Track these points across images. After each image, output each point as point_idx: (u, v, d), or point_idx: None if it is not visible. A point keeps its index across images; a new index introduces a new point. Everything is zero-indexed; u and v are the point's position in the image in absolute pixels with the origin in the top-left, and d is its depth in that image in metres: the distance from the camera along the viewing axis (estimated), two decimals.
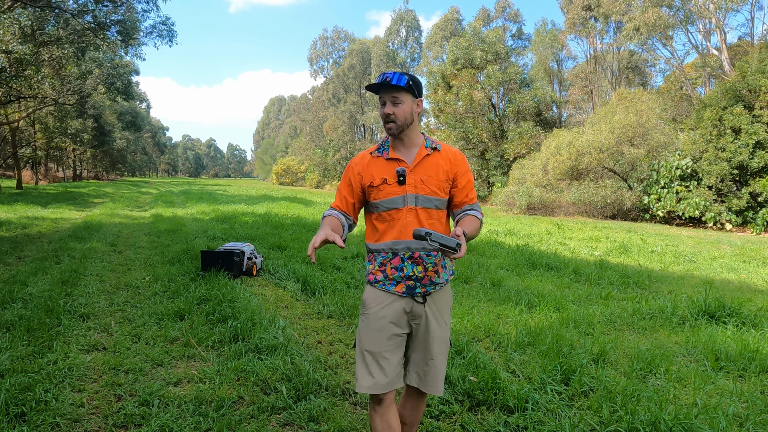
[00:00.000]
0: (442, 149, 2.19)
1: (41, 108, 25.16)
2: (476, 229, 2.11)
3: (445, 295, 2.22)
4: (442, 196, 2.15)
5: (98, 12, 16.71)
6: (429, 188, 2.12)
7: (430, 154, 2.16)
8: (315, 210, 17.64)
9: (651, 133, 21.25)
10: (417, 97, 2.13)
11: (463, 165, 2.20)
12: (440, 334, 2.18)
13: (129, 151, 60.55)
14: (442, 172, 2.15)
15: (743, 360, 3.84)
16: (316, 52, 66.01)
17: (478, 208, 2.21)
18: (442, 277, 2.17)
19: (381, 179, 2.14)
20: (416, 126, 2.18)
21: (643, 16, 24.66)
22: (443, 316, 2.20)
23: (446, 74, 33.10)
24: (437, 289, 2.16)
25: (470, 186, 2.21)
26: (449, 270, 2.23)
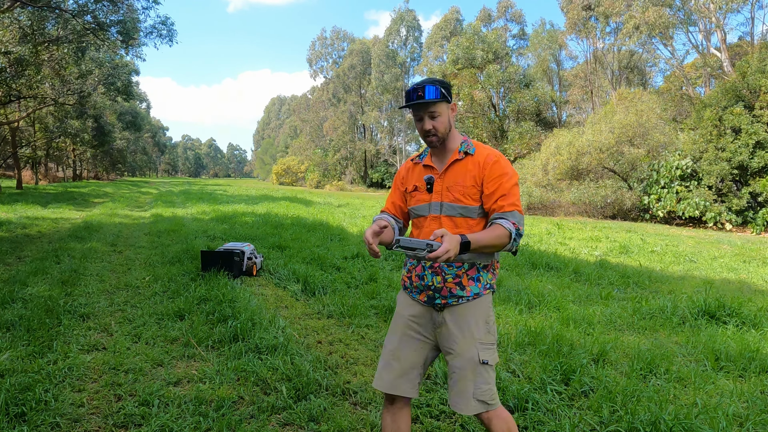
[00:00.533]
0: (476, 153, 2.07)
1: (41, 108, 25.16)
2: (489, 237, 1.92)
3: (474, 310, 2.07)
4: (469, 203, 2.04)
5: (98, 12, 16.71)
6: (453, 195, 2.06)
7: (461, 159, 2.07)
8: (315, 210, 17.64)
9: (651, 133, 21.25)
10: (450, 102, 2.07)
11: (493, 169, 2.02)
12: (465, 350, 2.05)
13: (129, 151, 60.55)
14: (470, 178, 2.04)
15: (743, 360, 3.84)
16: (315, 52, 65.97)
17: (510, 216, 1.97)
18: (469, 290, 2.05)
19: (413, 186, 2.16)
20: (452, 131, 2.11)
21: (643, 15, 24.66)
22: (470, 331, 2.05)
23: (447, 74, 33.10)
24: (461, 302, 2.07)
25: (500, 192, 1.99)
26: (483, 283, 2.08)
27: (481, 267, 2.07)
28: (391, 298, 5.13)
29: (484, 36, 33.00)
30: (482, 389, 2.03)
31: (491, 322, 2.11)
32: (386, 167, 55.43)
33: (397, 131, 55.99)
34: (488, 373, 2.05)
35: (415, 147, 53.80)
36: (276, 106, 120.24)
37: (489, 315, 2.10)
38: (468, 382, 2.04)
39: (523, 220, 2.02)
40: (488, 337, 2.08)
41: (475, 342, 2.05)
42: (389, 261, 7.65)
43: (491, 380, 2.06)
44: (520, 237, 1.98)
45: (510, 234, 1.94)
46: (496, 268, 2.15)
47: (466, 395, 2.04)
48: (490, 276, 2.10)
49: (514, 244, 1.97)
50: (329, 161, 60.42)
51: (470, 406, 2.03)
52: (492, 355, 2.07)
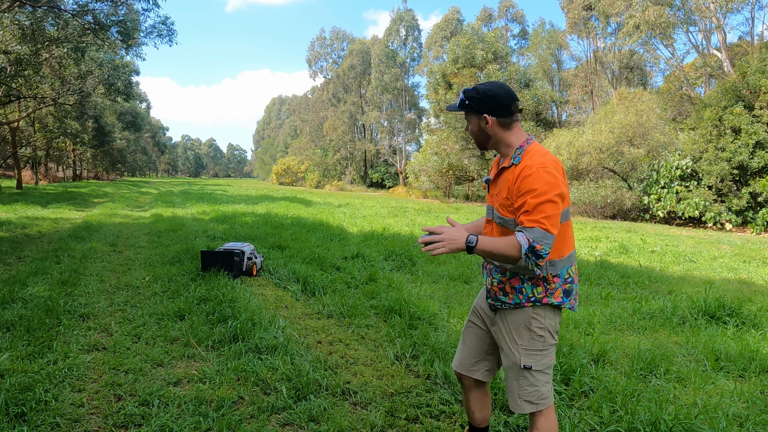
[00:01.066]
0: (520, 163, 2.01)
1: (41, 108, 25.15)
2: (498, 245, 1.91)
3: (516, 316, 2.10)
4: (506, 215, 2.05)
5: (99, 13, 16.70)
6: (496, 203, 2.12)
7: (508, 167, 2.06)
8: (315, 210, 17.64)
9: (651, 133, 21.25)
10: (481, 112, 2.07)
11: (522, 184, 1.94)
12: (509, 353, 2.13)
13: (129, 151, 60.57)
14: (506, 190, 2.04)
15: (743, 360, 3.84)
16: (314, 53, 65.97)
17: (528, 232, 1.88)
18: (511, 298, 2.09)
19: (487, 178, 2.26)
20: (502, 140, 2.10)
21: (643, 15, 24.67)
22: (513, 336, 2.11)
23: (447, 73, 33.11)
24: (504, 307, 2.13)
25: (524, 208, 1.91)
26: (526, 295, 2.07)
27: (525, 279, 2.07)
28: (391, 298, 5.13)
29: (485, 36, 32.99)
30: (527, 391, 2.11)
31: (538, 330, 2.08)
32: (386, 167, 55.42)
33: (397, 131, 55.98)
34: (533, 377, 2.10)
35: (415, 147, 53.77)
36: (276, 106, 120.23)
37: (533, 324, 2.08)
38: (513, 383, 2.14)
39: (549, 239, 1.87)
40: (533, 343, 2.09)
41: (518, 347, 2.11)
42: (389, 261, 7.66)
43: (537, 383, 2.10)
44: (536, 255, 1.87)
45: (520, 248, 1.88)
46: (551, 282, 2.06)
47: (513, 395, 2.15)
48: (540, 289, 2.05)
49: (527, 260, 1.90)
50: (329, 161, 60.41)
51: (517, 405, 2.14)
52: (538, 360, 2.09)
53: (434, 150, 33.54)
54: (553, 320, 2.11)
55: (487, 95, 2.06)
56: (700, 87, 28.85)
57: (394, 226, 12.57)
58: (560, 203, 1.93)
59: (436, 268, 7.18)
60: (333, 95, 63.42)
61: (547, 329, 2.10)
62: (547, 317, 2.10)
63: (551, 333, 2.11)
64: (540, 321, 2.09)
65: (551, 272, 2.06)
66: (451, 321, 4.73)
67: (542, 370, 2.10)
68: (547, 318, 2.10)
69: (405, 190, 41.69)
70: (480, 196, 33.05)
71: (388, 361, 3.77)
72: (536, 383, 2.09)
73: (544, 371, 2.11)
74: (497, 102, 2.05)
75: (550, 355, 2.11)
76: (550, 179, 1.92)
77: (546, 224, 1.88)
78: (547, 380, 2.12)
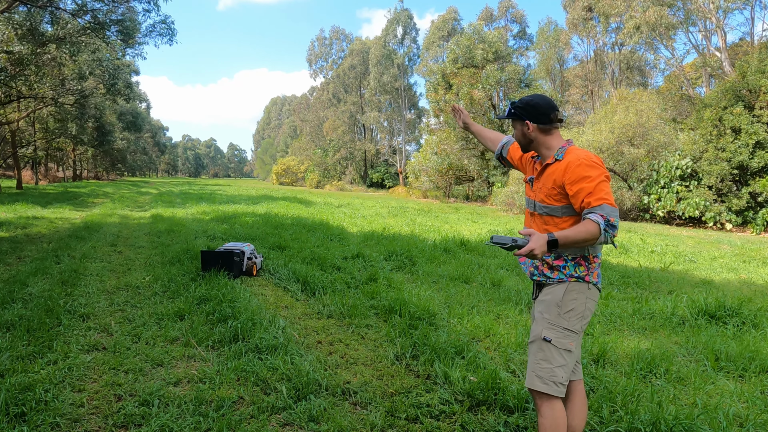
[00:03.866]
0: (563, 158, 2.29)
1: (41, 108, 25.15)
2: (578, 232, 2.09)
3: (553, 291, 2.29)
4: (551, 203, 2.30)
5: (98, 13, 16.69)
6: (540, 196, 2.36)
7: (552, 164, 2.33)
8: (315, 210, 17.63)
9: (651, 133, 21.24)
10: (524, 119, 2.37)
11: (574, 173, 2.20)
12: (536, 325, 2.31)
13: (129, 151, 60.51)
14: (551, 181, 2.30)
15: (743, 360, 3.84)
16: (314, 53, 65.91)
17: (598, 210, 2.11)
18: (555, 273, 2.30)
19: (526, 178, 2.53)
20: (542, 143, 2.38)
21: (643, 15, 24.66)
22: (542, 311, 2.30)
23: (446, 73, 33.10)
24: (548, 282, 2.33)
25: (584, 192, 2.16)
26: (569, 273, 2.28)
27: (569, 259, 2.28)
28: (391, 298, 5.13)
29: (486, 36, 32.98)
30: (541, 365, 2.23)
31: (566, 308, 2.26)
32: (386, 167, 55.41)
33: (397, 131, 55.97)
34: (550, 352, 2.23)
35: (415, 147, 53.78)
36: (276, 106, 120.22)
37: (564, 300, 2.26)
38: (531, 355, 2.29)
39: (616, 211, 2.11)
40: (558, 319, 2.25)
41: (544, 320, 2.27)
42: (389, 261, 7.66)
43: (553, 361, 2.22)
44: (613, 228, 2.09)
45: (598, 226, 2.08)
46: (592, 262, 2.30)
47: (529, 367, 2.28)
48: (582, 269, 2.28)
49: (606, 235, 2.09)
50: (329, 161, 60.38)
51: (528, 377, 2.26)
52: (558, 336, 2.23)
53: (434, 150, 33.54)
54: (584, 301, 2.28)
55: (530, 105, 2.37)
56: (700, 87, 28.85)
57: (394, 226, 12.57)
58: (609, 183, 2.21)
59: (436, 268, 7.18)
60: (333, 95, 63.39)
61: (576, 309, 2.26)
62: (581, 297, 2.27)
63: (578, 314, 2.26)
64: (573, 299, 2.26)
65: (592, 253, 2.29)
66: (451, 321, 4.73)
67: (560, 349, 2.22)
68: (580, 297, 2.27)
69: (405, 190, 41.68)
70: (480, 196, 33.08)
71: (388, 361, 3.77)
72: (552, 360, 2.22)
73: (562, 352, 2.23)
74: (538, 111, 2.36)
75: (570, 339, 2.24)
76: (596, 165, 2.22)
77: (610, 199, 2.14)
78: (562, 363, 2.22)
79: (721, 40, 24.37)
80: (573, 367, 2.34)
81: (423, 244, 9.27)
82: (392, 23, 53.83)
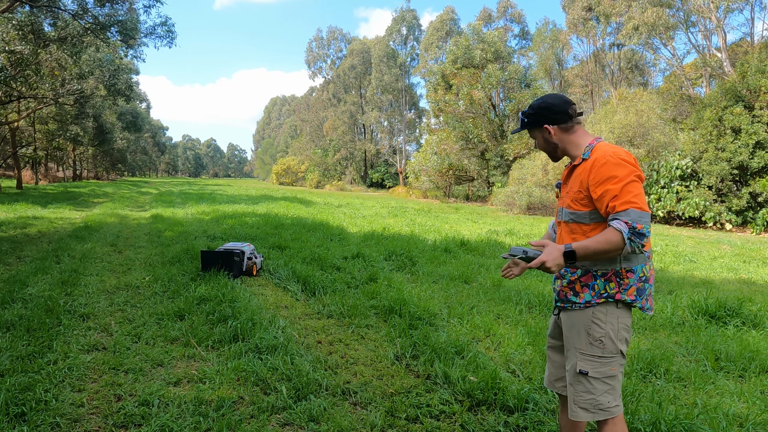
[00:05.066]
0: (590, 156, 2.05)
1: (41, 108, 25.15)
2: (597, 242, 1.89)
3: (580, 318, 2.07)
4: (578, 208, 2.07)
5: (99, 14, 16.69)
6: (566, 201, 2.15)
7: (578, 164, 2.11)
8: (315, 210, 17.64)
9: (651, 133, 21.24)
10: (542, 125, 2.16)
11: (599, 173, 1.96)
12: (569, 357, 2.10)
13: (129, 151, 60.53)
14: (578, 183, 2.07)
15: (743, 360, 3.84)
16: (313, 54, 65.86)
17: (623, 216, 1.88)
18: (582, 297, 2.06)
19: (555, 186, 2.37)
20: (569, 144, 2.16)
21: (642, 16, 24.66)
22: (573, 339, 2.08)
23: (446, 73, 33.10)
24: (574, 308, 2.09)
25: (609, 195, 1.92)
26: (598, 292, 2.04)
27: (599, 275, 2.03)
28: (391, 298, 5.13)
29: (486, 36, 32.98)
30: (583, 398, 2.05)
31: (597, 334, 2.03)
32: (386, 167, 55.41)
33: (397, 131, 55.97)
34: (590, 383, 2.03)
35: (415, 147, 53.77)
36: (276, 106, 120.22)
37: (592, 327, 2.04)
38: (570, 388, 2.11)
39: (646, 216, 1.88)
40: (590, 348, 2.03)
41: (575, 351, 2.08)
42: (389, 261, 7.65)
43: (594, 390, 2.02)
44: (639, 236, 1.86)
45: (621, 234, 1.86)
46: (625, 277, 2.02)
47: (570, 400, 2.11)
48: (612, 285, 2.02)
49: (632, 245, 1.87)
50: (329, 161, 60.38)
51: (572, 410, 2.09)
52: (595, 367, 2.02)
53: (434, 150, 33.54)
54: (616, 323, 2.03)
55: (543, 108, 2.16)
56: (700, 87, 28.85)
57: (394, 226, 12.57)
58: (641, 183, 1.94)
59: (436, 268, 7.18)
60: (333, 95, 63.39)
61: (608, 335, 2.02)
62: (611, 319, 2.03)
63: (613, 339, 2.02)
64: (600, 325, 2.03)
65: (625, 267, 2.02)
66: (451, 321, 4.73)
67: (600, 379, 2.02)
68: (609, 320, 2.03)
69: (405, 190, 41.67)
70: (480, 196, 33.06)
71: (388, 361, 3.77)
72: (593, 391, 2.02)
73: (604, 380, 2.02)
74: (553, 111, 2.14)
75: (611, 365, 2.02)
76: (625, 164, 1.95)
77: (638, 203, 1.88)
78: (607, 390, 2.02)
79: (721, 40, 24.37)
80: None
81: (423, 244, 9.27)
82: (397, 23, 53.83)
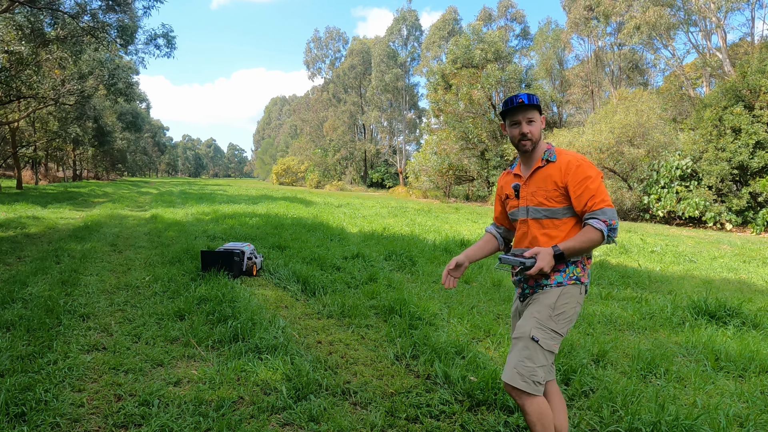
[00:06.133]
0: (558, 159, 2.27)
1: (41, 108, 25.14)
2: (582, 241, 2.14)
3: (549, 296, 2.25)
4: (552, 205, 2.25)
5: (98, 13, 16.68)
6: (537, 199, 2.28)
7: (543, 166, 2.29)
8: (315, 210, 17.64)
9: (651, 133, 21.25)
10: (542, 113, 2.33)
11: (576, 173, 2.20)
12: (524, 324, 2.24)
13: (129, 151, 60.51)
14: (551, 182, 2.25)
15: (743, 360, 3.84)
16: (311, 55, 65.86)
17: (600, 215, 2.15)
18: (553, 279, 2.25)
19: (505, 195, 2.44)
20: (541, 142, 2.35)
21: (644, 15, 24.66)
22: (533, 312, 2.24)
23: (446, 73, 33.11)
24: (545, 289, 2.26)
25: (588, 193, 2.18)
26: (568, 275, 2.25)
27: (569, 262, 2.25)
28: (391, 298, 5.13)
29: (486, 36, 32.99)
30: (525, 364, 2.15)
31: (558, 310, 2.22)
32: (386, 167, 55.41)
33: (397, 131, 55.97)
34: (535, 352, 2.16)
35: (415, 147, 53.76)
36: (276, 106, 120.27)
37: (558, 304, 2.22)
38: (515, 352, 2.20)
39: (615, 212, 2.18)
40: (548, 321, 2.20)
41: (534, 319, 2.22)
42: (389, 261, 7.65)
43: (536, 360, 2.15)
44: (614, 231, 2.15)
45: (602, 232, 2.13)
46: (587, 264, 2.29)
47: (510, 362, 2.19)
48: (578, 270, 2.26)
49: (609, 239, 2.16)
50: (329, 161, 60.40)
51: (508, 372, 2.16)
52: (545, 337, 2.18)
53: (434, 150, 33.55)
54: (575, 304, 2.26)
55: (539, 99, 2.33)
56: (700, 87, 28.85)
57: (394, 226, 12.56)
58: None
59: (436, 268, 7.18)
60: (333, 95, 63.40)
61: (566, 313, 2.23)
62: (572, 300, 2.25)
63: (568, 318, 2.23)
64: (564, 303, 2.23)
65: (586, 255, 2.27)
66: (452, 321, 4.73)
67: (545, 350, 2.18)
68: (571, 300, 2.24)
69: (405, 190, 41.69)
70: (480, 196, 33.05)
71: (388, 361, 3.77)
72: (535, 360, 2.16)
73: (546, 353, 2.18)
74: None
75: (555, 342, 2.21)
76: (592, 165, 2.27)
77: (609, 201, 2.19)
78: (544, 364, 2.17)
79: (721, 40, 24.37)
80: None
81: (423, 244, 9.27)
82: (398, 22, 53.84)
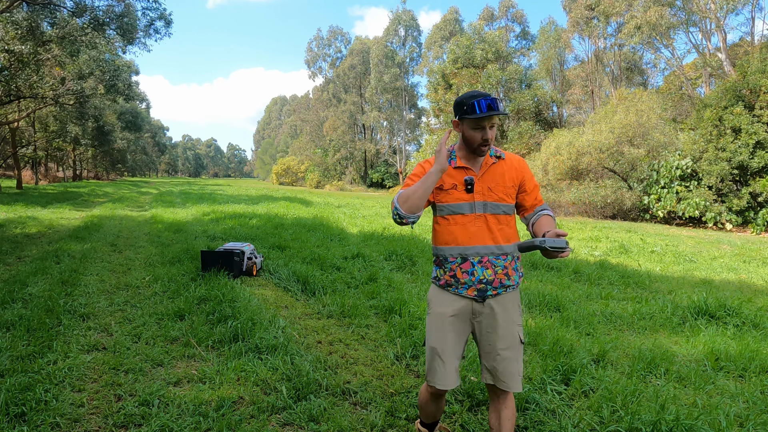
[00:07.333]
0: (507, 157, 2.33)
1: (41, 108, 25.15)
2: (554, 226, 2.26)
3: (515, 296, 2.30)
4: (509, 201, 2.30)
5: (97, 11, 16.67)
6: (497, 195, 2.26)
7: (495, 162, 2.29)
8: (315, 210, 17.63)
9: (651, 133, 21.24)
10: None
11: (528, 170, 2.34)
12: (509, 332, 2.24)
13: (129, 151, 60.48)
14: (508, 179, 2.29)
15: (743, 360, 3.84)
16: (312, 54, 65.85)
17: (548, 207, 2.34)
18: (513, 280, 2.26)
19: (451, 185, 2.26)
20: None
21: (644, 15, 24.66)
22: (511, 314, 2.26)
23: (446, 73, 33.11)
24: (508, 291, 2.26)
25: (537, 189, 2.34)
26: (520, 273, 2.32)
27: (517, 258, 2.31)
28: (391, 298, 5.13)
29: (487, 36, 32.98)
30: (521, 366, 2.26)
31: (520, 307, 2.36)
32: (386, 167, 55.40)
33: (397, 131, 55.96)
34: (522, 352, 2.30)
35: (415, 147, 53.75)
36: (277, 106, 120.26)
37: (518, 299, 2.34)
38: (516, 363, 2.23)
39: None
40: (519, 319, 2.31)
41: (514, 324, 2.26)
42: (389, 261, 7.65)
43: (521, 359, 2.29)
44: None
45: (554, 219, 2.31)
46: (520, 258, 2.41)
47: (516, 375, 2.21)
48: (520, 265, 2.35)
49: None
50: (329, 161, 60.39)
51: (516, 382, 2.21)
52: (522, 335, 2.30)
53: (434, 150, 33.52)
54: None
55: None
56: (700, 87, 28.85)
57: (394, 226, 12.56)
58: None
59: None
60: (333, 95, 63.39)
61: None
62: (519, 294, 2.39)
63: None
64: (520, 299, 2.36)
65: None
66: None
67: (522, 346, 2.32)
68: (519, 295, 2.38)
69: None
70: None
71: (388, 361, 3.77)
72: (521, 359, 2.27)
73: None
74: None
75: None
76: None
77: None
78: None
79: (721, 39, 24.37)
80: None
81: (423, 243, 9.27)
82: (394, 23, 53.83)
